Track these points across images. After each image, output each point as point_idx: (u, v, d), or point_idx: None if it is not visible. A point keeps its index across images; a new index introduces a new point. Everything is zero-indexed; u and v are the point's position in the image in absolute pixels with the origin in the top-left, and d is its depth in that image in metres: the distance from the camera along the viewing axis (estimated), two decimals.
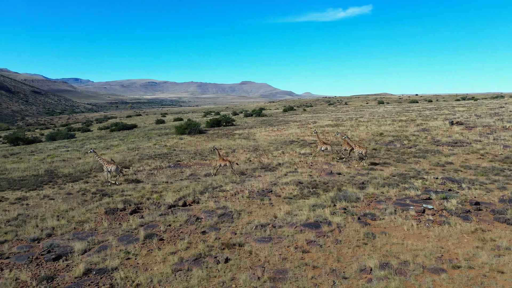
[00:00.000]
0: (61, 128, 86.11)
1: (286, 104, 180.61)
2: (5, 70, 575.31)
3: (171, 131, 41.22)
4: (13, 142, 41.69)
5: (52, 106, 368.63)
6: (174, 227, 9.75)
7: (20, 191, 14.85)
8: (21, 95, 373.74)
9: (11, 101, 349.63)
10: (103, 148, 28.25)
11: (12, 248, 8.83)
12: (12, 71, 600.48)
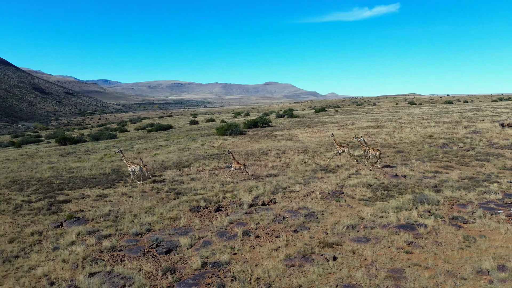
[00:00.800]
0: (97, 128, 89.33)
1: (312, 104, 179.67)
2: (39, 72, 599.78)
3: (210, 132, 42.08)
4: (61, 142, 43.68)
5: (83, 107, 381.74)
6: (263, 225, 10.21)
7: (97, 189, 15.80)
8: (55, 96, 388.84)
9: (45, 101, 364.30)
10: (152, 148, 29.29)
11: (120, 241, 9.54)
12: (46, 73, 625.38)
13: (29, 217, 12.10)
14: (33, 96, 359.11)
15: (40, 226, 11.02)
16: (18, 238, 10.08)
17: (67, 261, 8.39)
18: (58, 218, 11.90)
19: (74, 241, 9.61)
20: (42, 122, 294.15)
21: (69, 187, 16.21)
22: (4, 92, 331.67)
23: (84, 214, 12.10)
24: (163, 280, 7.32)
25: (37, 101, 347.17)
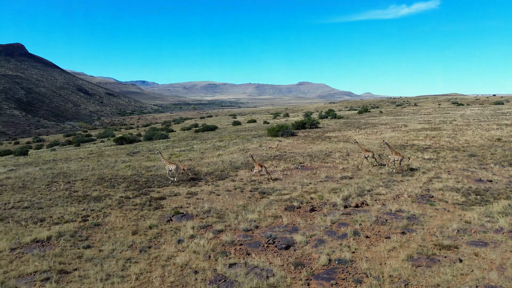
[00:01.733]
0: (142, 129, 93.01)
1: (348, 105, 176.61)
2: (83, 74, 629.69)
3: (259, 133, 42.81)
4: (118, 141, 45.94)
5: (123, 107, 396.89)
6: (366, 226, 10.61)
7: (182, 187, 16.82)
8: (97, 97, 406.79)
9: (88, 102, 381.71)
10: (212, 148, 30.35)
11: (235, 236, 10.29)
12: (89, 75, 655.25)
13: (136, 212, 13.20)
14: (77, 96, 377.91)
15: (152, 221, 12.02)
16: (139, 231, 11.10)
17: (198, 252, 9.21)
18: (163, 213, 12.90)
19: (193, 235, 10.47)
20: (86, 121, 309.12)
21: (156, 185, 17.36)
22: (51, 93, 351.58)
23: (186, 210, 13.03)
24: (298, 273, 7.92)
25: (81, 102, 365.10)
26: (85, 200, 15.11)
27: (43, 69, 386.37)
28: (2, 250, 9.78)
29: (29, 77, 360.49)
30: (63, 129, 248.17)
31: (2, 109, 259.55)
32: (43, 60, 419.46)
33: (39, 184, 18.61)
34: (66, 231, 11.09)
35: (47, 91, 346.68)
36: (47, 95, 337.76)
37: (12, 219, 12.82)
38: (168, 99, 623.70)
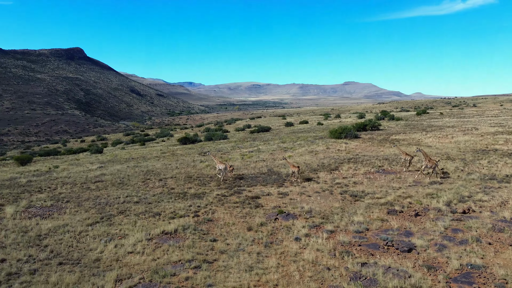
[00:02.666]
0: (197, 129, 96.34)
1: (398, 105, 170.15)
2: (134, 76, 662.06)
3: (318, 134, 42.80)
4: (182, 141, 48.08)
5: (172, 107, 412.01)
6: (483, 233, 10.56)
7: (270, 187, 17.51)
8: (148, 98, 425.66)
9: (140, 102, 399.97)
10: (279, 150, 30.96)
11: (348, 237, 10.70)
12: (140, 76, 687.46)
13: (239, 209, 14.06)
14: (130, 97, 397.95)
15: (260, 218, 12.77)
16: (253, 228, 11.88)
17: (322, 250, 9.76)
18: (266, 211, 13.64)
19: (308, 234, 11.05)
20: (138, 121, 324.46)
21: (244, 184, 18.24)
22: (107, 94, 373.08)
23: (287, 210, 13.66)
24: (434, 276, 8.17)
25: (133, 102, 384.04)
26: (185, 197, 16.30)
27: (100, 72, 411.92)
28: (141, 239, 10.98)
29: (88, 79, 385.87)
30: (118, 128, 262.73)
31: (64, 109, 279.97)
32: (99, 63, 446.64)
33: (135, 181, 20.27)
34: (187, 225, 12.15)
35: (103, 92, 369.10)
36: (103, 96, 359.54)
37: (130, 212, 14.21)
38: (214, 99, 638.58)
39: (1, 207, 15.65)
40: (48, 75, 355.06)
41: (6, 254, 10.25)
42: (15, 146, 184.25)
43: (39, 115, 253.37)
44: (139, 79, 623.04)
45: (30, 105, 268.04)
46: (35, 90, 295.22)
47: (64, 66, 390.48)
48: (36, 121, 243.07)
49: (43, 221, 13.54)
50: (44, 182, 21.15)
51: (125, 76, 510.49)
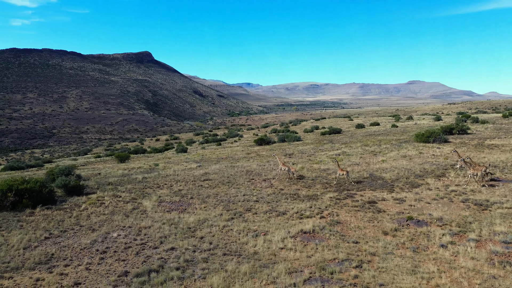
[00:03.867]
0: (263, 129, 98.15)
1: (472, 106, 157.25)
2: (196, 77, 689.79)
3: (400, 138, 41.45)
4: (258, 142, 49.31)
5: (231, 108, 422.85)
6: None
7: (381, 192, 17.62)
8: (209, 99, 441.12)
9: (202, 103, 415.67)
10: (367, 153, 30.66)
11: (500, 248, 10.57)
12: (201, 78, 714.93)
13: (361, 213, 14.42)
14: (193, 98, 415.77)
15: (388, 223, 13.05)
16: (387, 233, 12.19)
17: (477, 259, 9.79)
18: (392, 217, 13.85)
19: (452, 241, 11.10)
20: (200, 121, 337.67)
21: (351, 188, 18.55)
22: (172, 95, 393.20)
23: (414, 216, 13.74)
24: None
25: (196, 103, 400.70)
26: (299, 198, 17.06)
27: (166, 74, 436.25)
28: (285, 237, 11.86)
29: (155, 81, 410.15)
30: (183, 128, 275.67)
31: (135, 109, 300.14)
32: (166, 66, 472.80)
33: (241, 181, 21.54)
34: (321, 225, 12.83)
35: (168, 93, 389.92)
36: (169, 97, 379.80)
37: (256, 210, 15.27)
38: (271, 100, 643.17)
39: (137, 201, 17.68)
40: (121, 77, 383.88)
41: (173, 243, 11.71)
42: (94, 144, 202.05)
43: (113, 114, 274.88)
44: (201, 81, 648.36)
45: (105, 105, 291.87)
46: (109, 91, 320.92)
47: (134, 69, 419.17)
48: (111, 120, 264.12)
49: (182, 215, 15.10)
50: (159, 179, 23.31)
51: (188, 78, 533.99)
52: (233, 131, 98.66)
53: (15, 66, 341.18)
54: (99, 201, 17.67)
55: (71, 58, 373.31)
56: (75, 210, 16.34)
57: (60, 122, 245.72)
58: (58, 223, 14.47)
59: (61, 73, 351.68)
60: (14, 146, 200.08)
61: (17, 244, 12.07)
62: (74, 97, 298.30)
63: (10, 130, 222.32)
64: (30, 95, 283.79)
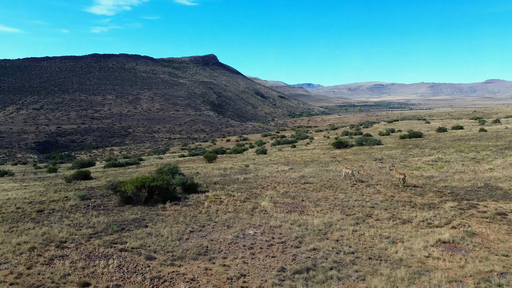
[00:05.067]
0: (333, 131, 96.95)
1: None
2: (257, 79, 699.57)
3: (497, 143, 38.45)
4: (336, 145, 48.84)
5: (292, 109, 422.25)
6: None
7: (505, 203, 16.76)
8: (271, 100, 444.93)
9: (264, 104, 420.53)
10: (469, 160, 28.99)
11: None
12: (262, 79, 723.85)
13: (495, 225, 13.90)
14: (255, 99, 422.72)
15: None
16: None
17: None
18: None
19: None
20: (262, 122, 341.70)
21: (472, 198, 17.86)
22: (235, 97, 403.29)
23: None
24: None
25: (258, 104, 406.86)
26: (415, 206, 16.88)
27: (230, 76, 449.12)
28: (425, 245, 11.92)
29: (219, 83, 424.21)
30: (246, 128, 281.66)
31: (201, 110, 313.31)
32: (229, 68, 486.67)
33: (343, 185, 21.78)
34: (458, 236, 12.68)
35: (232, 95, 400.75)
36: (232, 99, 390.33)
37: (378, 217, 15.46)
38: (333, 100, 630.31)
39: (251, 200, 18.81)
40: (188, 80, 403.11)
41: (312, 244, 12.41)
42: (165, 142, 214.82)
43: (181, 115, 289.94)
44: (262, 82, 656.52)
45: (174, 107, 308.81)
46: (178, 93, 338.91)
47: (201, 72, 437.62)
48: (179, 120, 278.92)
49: (303, 216, 15.82)
50: (259, 180, 24.45)
51: (250, 80, 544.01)
52: (301, 133, 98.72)
53: (96, 70, 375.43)
54: (217, 199, 19.14)
55: (144, 62, 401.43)
56: (200, 207, 17.91)
57: (135, 122, 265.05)
58: (192, 218, 16.02)
59: (136, 76, 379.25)
60: (96, 143, 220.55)
61: (169, 236, 13.65)
62: (147, 98, 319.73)
63: (92, 129, 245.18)
64: (109, 96, 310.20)
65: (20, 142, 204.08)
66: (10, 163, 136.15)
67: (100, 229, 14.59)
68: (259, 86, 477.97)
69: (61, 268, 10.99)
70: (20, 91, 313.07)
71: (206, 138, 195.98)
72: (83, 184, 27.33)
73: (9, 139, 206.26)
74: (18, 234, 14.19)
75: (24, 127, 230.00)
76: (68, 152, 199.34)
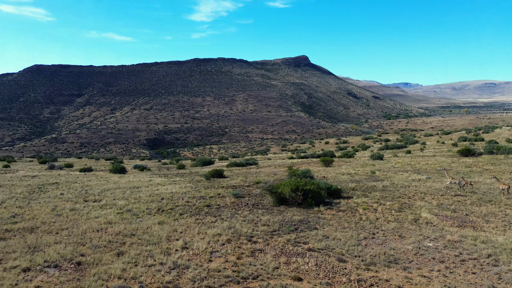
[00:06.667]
0: (446, 137, 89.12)
1: None
2: (349, 79, 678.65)
3: None
4: (463, 153, 44.60)
5: (388, 110, 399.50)
6: None
7: None
8: (364, 100, 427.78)
9: (356, 105, 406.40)
10: None
11: None
12: (354, 79, 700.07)
13: None
14: (347, 100, 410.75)
15: None
16: None
17: None
18: None
19: None
20: (355, 123, 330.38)
21: None
22: (326, 98, 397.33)
23: None
24: None
25: (350, 105, 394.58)
26: None
27: (321, 77, 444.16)
28: None
29: (310, 83, 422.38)
30: (338, 130, 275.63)
31: (292, 111, 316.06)
32: (321, 68, 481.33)
33: (504, 200, 20.09)
34: None
35: (323, 95, 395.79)
36: (323, 99, 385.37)
37: None
38: (434, 101, 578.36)
39: (404, 211, 18.56)
40: (280, 81, 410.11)
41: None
42: (258, 142, 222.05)
43: (273, 116, 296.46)
44: (354, 82, 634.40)
45: (266, 108, 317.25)
46: (270, 94, 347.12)
47: (292, 73, 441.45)
48: (271, 121, 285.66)
49: (478, 232, 15.11)
50: (401, 190, 23.91)
51: (342, 80, 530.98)
52: (407, 137, 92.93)
53: (197, 73, 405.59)
54: (370, 207, 19.34)
55: (239, 65, 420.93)
56: (356, 213, 18.33)
57: (230, 122, 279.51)
58: (356, 224, 16.51)
59: (231, 78, 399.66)
60: (196, 141, 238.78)
61: (347, 240, 14.32)
62: (241, 100, 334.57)
63: (194, 128, 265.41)
64: (207, 98, 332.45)
65: (134, 138, 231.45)
66: (128, 157, 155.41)
67: (275, 227, 15.98)
68: (351, 86, 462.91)
69: (267, 261, 12.40)
70: (134, 93, 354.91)
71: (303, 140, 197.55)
72: (223, 182, 30.01)
73: (126, 136, 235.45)
74: (207, 226, 16.33)
75: (137, 125, 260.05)
76: (173, 148, 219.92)
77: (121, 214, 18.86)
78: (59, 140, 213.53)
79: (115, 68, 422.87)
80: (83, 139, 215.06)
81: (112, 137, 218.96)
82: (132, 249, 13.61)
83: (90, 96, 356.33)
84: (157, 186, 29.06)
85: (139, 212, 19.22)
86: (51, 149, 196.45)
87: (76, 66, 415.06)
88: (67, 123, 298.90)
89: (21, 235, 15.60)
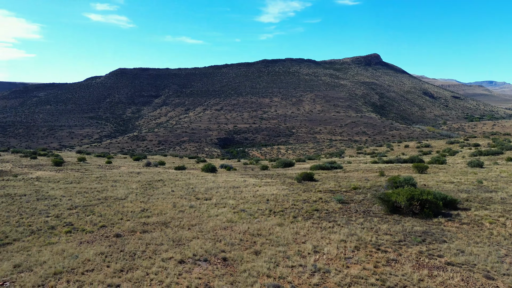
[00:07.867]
0: None
1: None
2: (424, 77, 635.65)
3: None
4: None
5: (470, 111, 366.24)
6: None
7: None
8: (442, 100, 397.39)
9: (433, 105, 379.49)
10: None
11: None
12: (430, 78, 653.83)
13: None
14: (422, 100, 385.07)
15: None
16: None
17: None
18: None
19: None
20: (432, 125, 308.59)
21: None
22: (399, 97, 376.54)
23: None
24: None
25: (426, 105, 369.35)
26: None
27: (394, 75, 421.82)
28: None
29: (382, 83, 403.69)
30: (413, 132, 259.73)
31: (362, 112, 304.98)
32: (394, 67, 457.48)
33: None
34: None
35: (396, 95, 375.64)
36: (396, 99, 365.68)
37: None
38: None
39: None
40: (349, 81, 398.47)
41: None
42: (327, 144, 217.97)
43: (342, 117, 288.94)
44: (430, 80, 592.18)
45: (334, 108, 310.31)
46: (338, 94, 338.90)
47: (362, 72, 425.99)
48: (340, 122, 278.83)
49: None
50: None
51: (417, 79, 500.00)
52: (500, 141, 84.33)
53: (265, 74, 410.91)
54: (496, 220, 18.04)
55: (307, 65, 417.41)
56: (482, 227, 17.23)
57: (298, 123, 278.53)
58: (488, 239, 15.54)
59: (299, 79, 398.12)
60: (264, 141, 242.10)
61: (485, 256, 13.57)
62: (309, 100, 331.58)
63: (262, 128, 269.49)
64: (275, 98, 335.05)
65: (206, 138, 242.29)
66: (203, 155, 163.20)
67: (400, 238, 15.71)
68: (427, 86, 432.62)
69: (407, 272, 12.28)
70: (206, 94, 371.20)
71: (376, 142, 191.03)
72: (317, 186, 30.15)
73: (199, 135, 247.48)
74: (328, 231, 16.63)
75: (209, 125, 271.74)
76: (242, 148, 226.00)
77: (237, 213, 20.03)
78: (139, 138, 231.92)
79: (189, 70, 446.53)
80: (161, 137, 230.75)
81: (187, 136, 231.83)
82: (265, 248, 14.42)
83: (166, 97, 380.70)
84: (255, 187, 30.21)
85: (253, 213, 20.23)
86: (133, 146, 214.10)
87: (154, 69, 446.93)
88: (146, 122, 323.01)
89: (159, 229, 17.37)
